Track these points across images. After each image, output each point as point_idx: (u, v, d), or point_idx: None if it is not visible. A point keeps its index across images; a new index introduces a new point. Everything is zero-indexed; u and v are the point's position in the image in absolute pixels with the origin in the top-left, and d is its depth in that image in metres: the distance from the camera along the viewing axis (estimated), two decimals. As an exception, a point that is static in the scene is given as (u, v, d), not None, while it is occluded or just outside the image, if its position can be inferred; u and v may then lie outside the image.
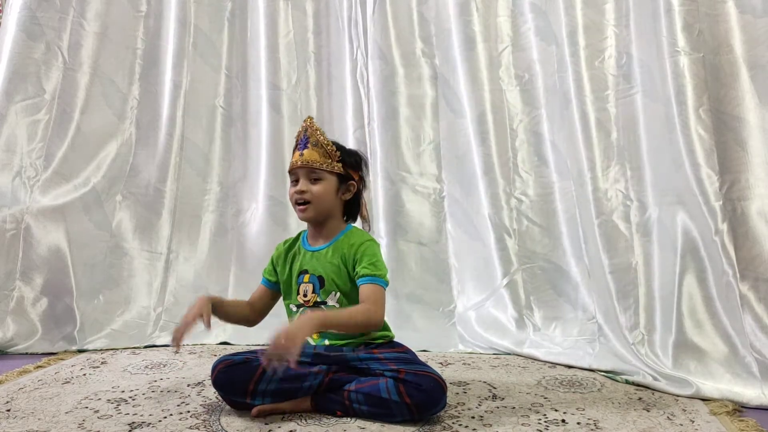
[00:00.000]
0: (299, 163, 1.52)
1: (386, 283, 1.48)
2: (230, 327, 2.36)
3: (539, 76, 2.26)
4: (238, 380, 1.43)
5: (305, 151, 1.51)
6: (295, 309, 1.55)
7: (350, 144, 2.47)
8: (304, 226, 2.58)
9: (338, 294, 1.51)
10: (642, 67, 1.97)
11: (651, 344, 1.80)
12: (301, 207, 1.52)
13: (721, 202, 1.71)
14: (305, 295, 1.53)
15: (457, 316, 2.29)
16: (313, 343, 1.51)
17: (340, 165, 1.53)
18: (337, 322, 1.43)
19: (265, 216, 2.53)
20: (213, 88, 2.65)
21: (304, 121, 1.57)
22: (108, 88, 2.54)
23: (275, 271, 1.61)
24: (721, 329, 1.70)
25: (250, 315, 1.62)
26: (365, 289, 1.45)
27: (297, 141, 1.56)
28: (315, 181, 1.51)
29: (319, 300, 1.52)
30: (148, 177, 2.53)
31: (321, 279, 1.52)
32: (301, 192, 1.51)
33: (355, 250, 1.50)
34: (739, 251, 1.69)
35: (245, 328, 2.32)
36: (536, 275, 2.20)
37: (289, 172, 1.57)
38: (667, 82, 1.82)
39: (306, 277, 1.54)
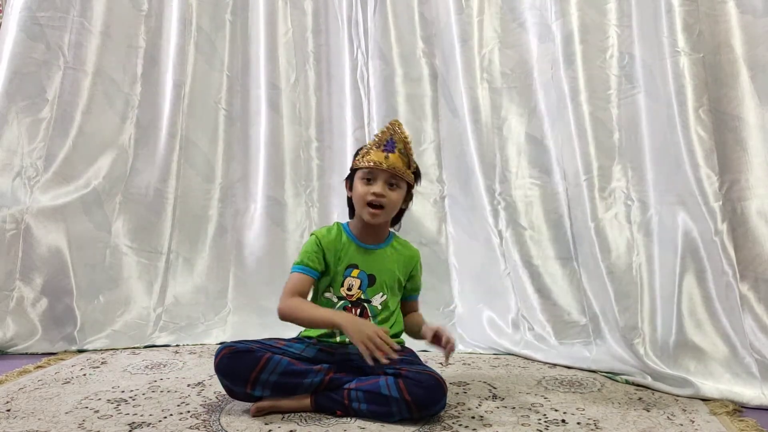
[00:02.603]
0: (385, 166, 1.50)
1: None
2: (230, 327, 2.37)
3: (531, 74, 2.25)
4: (241, 367, 1.42)
5: (391, 156, 1.51)
6: (335, 300, 1.54)
7: (350, 144, 2.47)
8: (304, 226, 2.59)
9: (385, 296, 1.54)
10: (644, 67, 1.96)
11: (651, 344, 1.79)
12: (375, 211, 1.51)
13: (720, 203, 1.70)
14: (349, 289, 1.54)
15: (457, 317, 2.30)
16: (338, 340, 1.52)
17: (413, 176, 1.57)
18: None
19: (264, 216, 2.53)
20: (214, 88, 2.64)
21: (391, 122, 1.55)
22: (109, 87, 2.53)
23: (324, 260, 1.54)
24: (721, 329, 1.70)
25: None
26: (416, 304, 1.68)
27: (380, 140, 1.53)
28: (392, 186, 1.52)
29: (362, 297, 1.53)
30: (149, 177, 2.53)
31: (372, 278, 1.54)
32: (381, 195, 1.50)
33: (415, 263, 1.63)
34: (739, 251, 1.69)
35: (245, 328, 2.33)
36: (526, 277, 2.18)
37: (362, 168, 1.53)
38: (667, 83, 1.82)
39: (355, 272, 1.54)
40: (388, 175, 1.51)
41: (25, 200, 2.33)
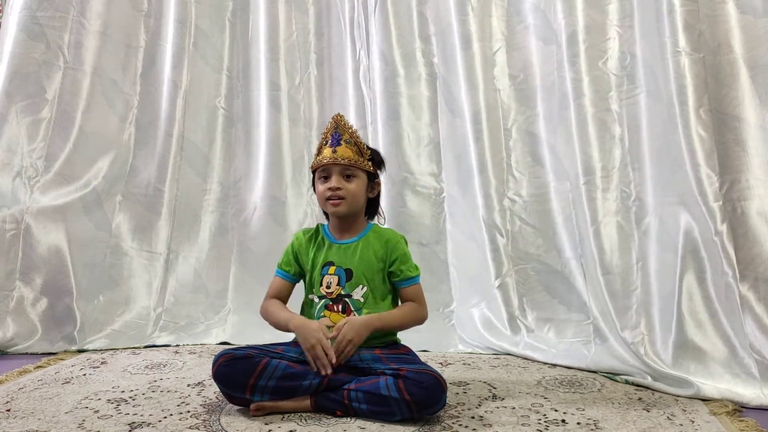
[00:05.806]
0: (334, 159, 1.53)
1: (420, 278, 1.58)
2: (230, 327, 2.36)
3: (536, 75, 2.25)
4: (238, 374, 1.42)
5: (339, 148, 1.53)
6: (317, 300, 1.55)
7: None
8: (305, 225, 2.59)
9: (365, 288, 1.53)
10: (645, 67, 1.96)
11: (651, 344, 1.79)
12: (335, 202, 1.54)
13: (720, 203, 1.70)
14: (328, 287, 1.54)
15: (456, 317, 2.30)
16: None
17: (369, 163, 1.57)
18: (390, 323, 1.50)
19: (265, 216, 2.54)
20: (213, 88, 2.66)
21: (333, 117, 1.59)
22: (108, 88, 2.54)
23: (296, 261, 1.60)
24: (720, 329, 1.70)
25: None
26: (408, 291, 1.55)
27: (325, 137, 1.58)
28: (348, 178, 1.55)
29: (343, 293, 1.53)
30: (148, 177, 2.53)
31: (349, 272, 1.54)
32: (337, 189, 1.53)
33: (392, 247, 1.55)
34: (739, 251, 1.69)
35: (245, 328, 2.33)
36: (529, 276, 2.18)
37: (318, 168, 1.57)
38: (668, 83, 1.81)
39: (331, 269, 1.55)
40: (342, 168, 1.54)
41: (25, 200, 2.33)
